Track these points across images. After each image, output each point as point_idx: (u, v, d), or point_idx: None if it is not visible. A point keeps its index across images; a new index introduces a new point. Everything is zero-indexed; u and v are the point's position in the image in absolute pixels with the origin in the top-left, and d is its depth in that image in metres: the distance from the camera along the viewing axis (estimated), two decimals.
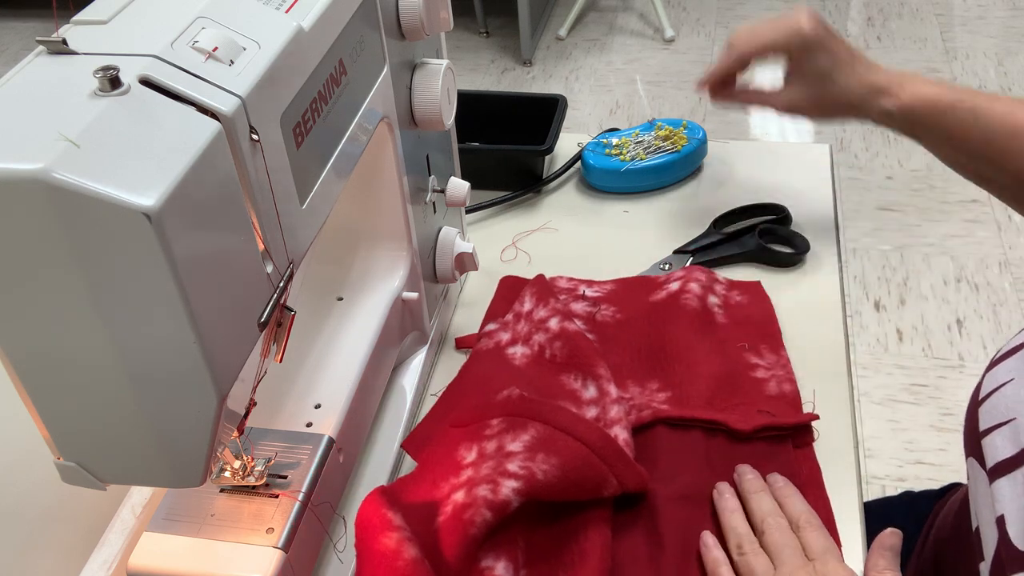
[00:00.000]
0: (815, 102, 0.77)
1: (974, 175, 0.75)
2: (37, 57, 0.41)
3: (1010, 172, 0.70)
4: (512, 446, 0.59)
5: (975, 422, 0.53)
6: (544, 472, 0.57)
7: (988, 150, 0.71)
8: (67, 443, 0.44)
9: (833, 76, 0.75)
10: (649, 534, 0.61)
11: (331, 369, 0.63)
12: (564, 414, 0.61)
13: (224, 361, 0.42)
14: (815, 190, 0.91)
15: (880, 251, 2.07)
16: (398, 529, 0.53)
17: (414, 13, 0.61)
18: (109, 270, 0.37)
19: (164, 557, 0.52)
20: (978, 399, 0.54)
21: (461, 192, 0.75)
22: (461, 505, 0.55)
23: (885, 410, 1.73)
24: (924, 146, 0.76)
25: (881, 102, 0.74)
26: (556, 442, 0.59)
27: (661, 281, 0.80)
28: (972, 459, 0.54)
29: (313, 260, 0.69)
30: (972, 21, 2.93)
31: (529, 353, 0.72)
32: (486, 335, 0.75)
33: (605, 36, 3.01)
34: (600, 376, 0.69)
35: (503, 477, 0.56)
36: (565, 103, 0.97)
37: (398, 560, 0.52)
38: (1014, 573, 0.46)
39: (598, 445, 0.59)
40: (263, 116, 0.44)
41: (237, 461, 0.55)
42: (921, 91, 0.73)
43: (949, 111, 0.72)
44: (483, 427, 0.61)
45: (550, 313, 0.74)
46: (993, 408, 0.52)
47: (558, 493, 0.58)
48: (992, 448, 0.51)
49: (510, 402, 0.62)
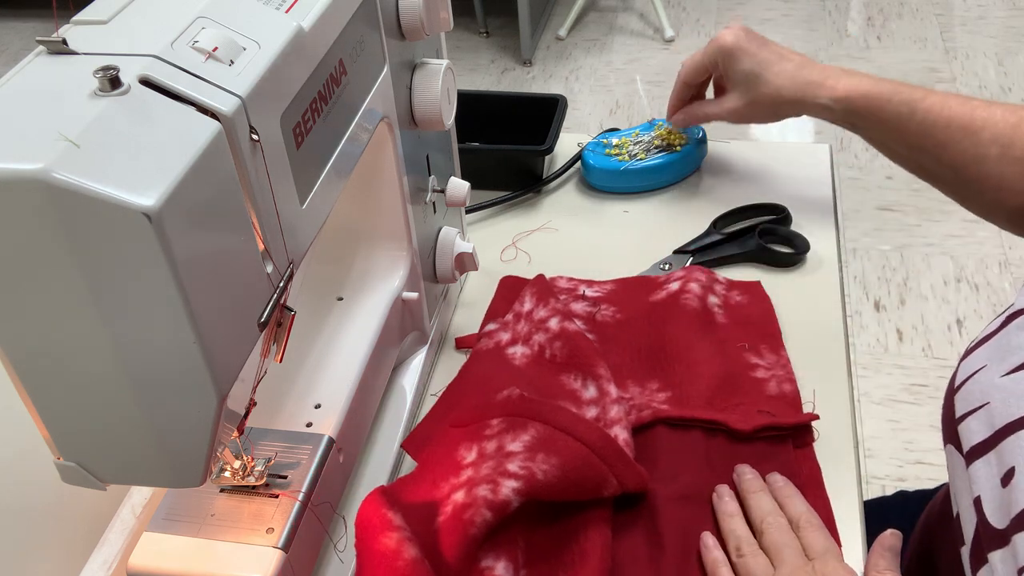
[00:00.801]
0: (751, 105, 0.81)
1: (915, 167, 0.77)
2: (37, 57, 0.41)
3: (947, 164, 0.73)
4: (512, 446, 0.59)
5: (951, 410, 0.54)
6: (544, 472, 0.57)
7: (925, 141, 0.73)
8: (67, 443, 0.44)
9: (761, 77, 0.79)
10: (649, 534, 0.61)
11: (331, 369, 0.63)
12: (564, 414, 0.61)
13: (224, 361, 0.42)
14: (815, 190, 0.91)
15: (880, 251, 2.07)
16: (398, 529, 0.53)
17: (414, 13, 0.61)
18: (109, 270, 0.37)
19: (164, 557, 0.52)
20: (954, 387, 0.55)
21: (461, 192, 0.75)
22: (461, 505, 0.55)
23: (885, 410, 1.73)
24: (864, 138, 0.78)
25: (817, 95, 0.77)
26: (556, 442, 0.59)
27: (661, 281, 0.80)
28: (950, 446, 0.55)
29: (313, 260, 0.69)
30: (972, 21, 2.93)
31: (529, 353, 0.72)
32: (486, 335, 0.75)
33: (605, 36, 3.01)
34: (600, 376, 0.69)
35: (503, 477, 0.56)
36: (565, 103, 0.97)
37: (398, 560, 0.52)
38: (992, 551, 0.47)
39: (598, 445, 0.59)
40: (263, 116, 0.44)
41: (237, 461, 0.55)
42: (857, 84, 0.76)
43: (885, 103, 0.74)
44: (483, 427, 0.61)
45: (550, 313, 0.74)
46: (968, 394, 0.53)
47: (558, 493, 0.58)
48: (968, 432, 0.51)
49: (510, 402, 0.62)
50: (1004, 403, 0.49)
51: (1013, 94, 2.56)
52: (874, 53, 2.81)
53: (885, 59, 2.78)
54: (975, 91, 2.59)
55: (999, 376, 0.50)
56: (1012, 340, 0.52)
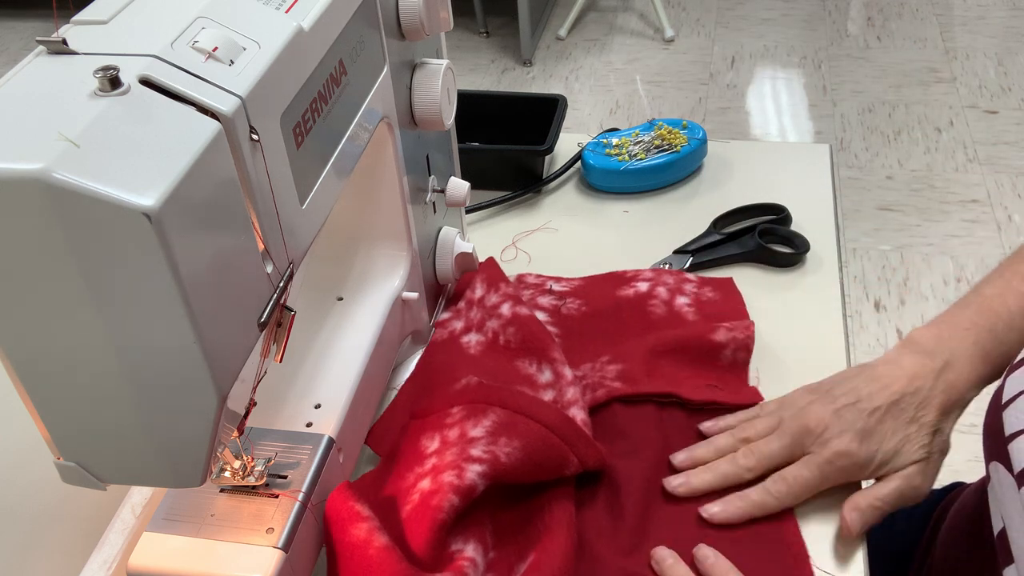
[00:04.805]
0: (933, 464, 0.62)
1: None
2: (37, 57, 0.41)
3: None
4: (474, 432, 0.60)
5: (999, 426, 0.52)
6: (507, 455, 0.58)
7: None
8: (67, 443, 0.44)
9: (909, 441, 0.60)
10: (611, 506, 0.62)
11: (331, 369, 0.63)
12: (523, 398, 0.62)
13: (224, 361, 0.42)
14: (815, 190, 0.91)
15: (880, 251, 2.07)
16: (367, 519, 0.54)
17: (414, 13, 0.61)
18: (109, 270, 0.37)
19: (164, 557, 0.52)
20: (1001, 403, 0.53)
21: (461, 192, 0.75)
22: (428, 492, 0.57)
23: None
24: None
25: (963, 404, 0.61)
26: (517, 425, 0.60)
27: (629, 276, 0.80)
28: (996, 463, 0.53)
29: (313, 260, 0.69)
30: (972, 21, 2.93)
31: (483, 340, 0.72)
32: (440, 324, 0.76)
33: (605, 36, 3.01)
34: (555, 360, 0.70)
35: (467, 462, 0.57)
36: (565, 103, 0.97)
37: (369, 549, 0.53)
38: None
39: (557, 426, 0.60)
40: (263, 116, 0.44)
41: (237, 461, 0.55)
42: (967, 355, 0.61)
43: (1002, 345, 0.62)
44: (444, 416, 0.62)
45: (501, 299, 0.74)
46: (1020, 412, 0.51)
47: (522, 475, 0.59)
48: (1020, 453, 0.50)
49: (469, 390, 0.64)
50: None
51: (1013, 94, 2.56)
52: (874, 53, 2.81)
53: (885, 59, 2.78)
54: (975, 91, 2.59)
55: None
56: None
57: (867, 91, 2.64)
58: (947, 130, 2.45)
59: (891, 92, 2.62)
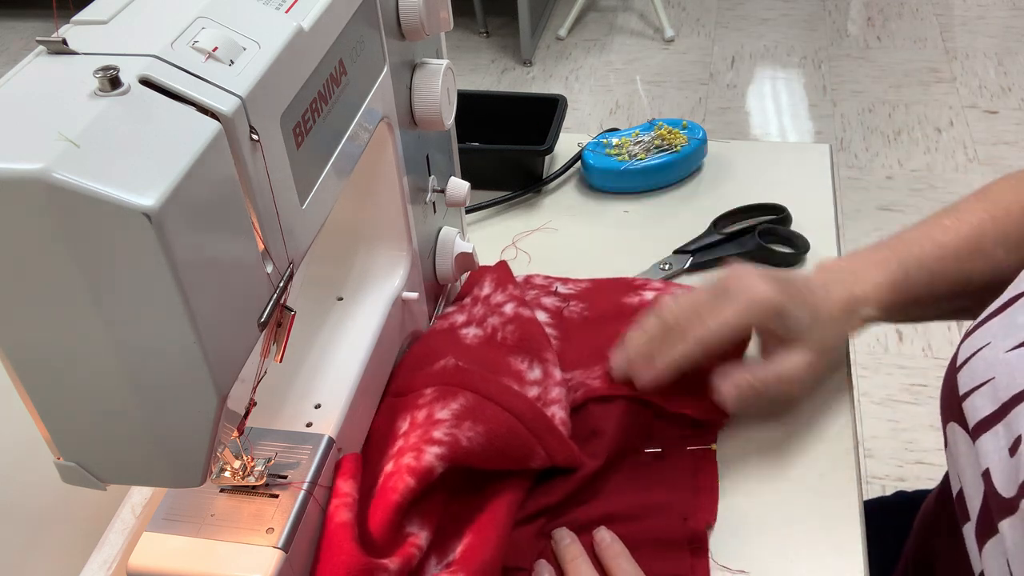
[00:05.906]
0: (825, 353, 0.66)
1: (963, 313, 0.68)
2: (37, 57, 0.41)
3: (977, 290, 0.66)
4: (440, 414, 0.60)
5: (954, 388, 0.54)
6: (469, 439, 0.59)
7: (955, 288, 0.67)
8: (67, 443, 0.44)
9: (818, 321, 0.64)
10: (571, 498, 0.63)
11: (331, 369, 0.63)
12: (495, 384, 0.63)
13: (224, 361, 0.42)
14: (815, 190, 0.91)
15: None
16: (343, 496, 0.56)
17: (414, 13, 0.61)
18: (109, 270, 0.37)
19: (164, 557, 0.52)
20: (956, 366, 0.55)
21: (461, 192, 0.75)
22: (388, 474, 0.58)
23: (885, 410, 1.73)
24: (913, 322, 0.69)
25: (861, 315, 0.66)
26: (485, 410, 0.60)
27: (637, 285, 0.79)
28: (952, 424, 0.55)
29: (313, 260, 0.69)
30: (972, 21, 2.93)
31: (481, 334, 0.73)
32: (441, 317, 0.76)
33: (605, 36, 3.01)
34: (547, 360, 0.70)
35: (428, 444, 0.58)
36: (565, 103, 0.97)
37: (330, 523, 0.55)
38: (1001, 520, 0.47)
39: (527, 416, 0.61)
40: (263, 116, 0.44)
41: (237, 461, 0.55)
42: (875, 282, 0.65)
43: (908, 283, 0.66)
44: (417, 396, 0.63)
45: (507, 299, 0.74)
46: (972, 372, 0.53)
47: (484, 460, 0.60)
48: (973, 409, 0.52)
49: (445, 371, 0.64)
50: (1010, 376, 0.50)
51: (1013, 94, 2.56)
52: (874, 53, 2.81)
53: (885, 59, 2.78)
54: (975, 91, 2.59)
55: (1004, 352, 0.51)
56: (1017, 319, 0.52)
57: (867, 91, 2.64)
58: (947, 130, 2.45)
59: (891, 92, 2.62)
